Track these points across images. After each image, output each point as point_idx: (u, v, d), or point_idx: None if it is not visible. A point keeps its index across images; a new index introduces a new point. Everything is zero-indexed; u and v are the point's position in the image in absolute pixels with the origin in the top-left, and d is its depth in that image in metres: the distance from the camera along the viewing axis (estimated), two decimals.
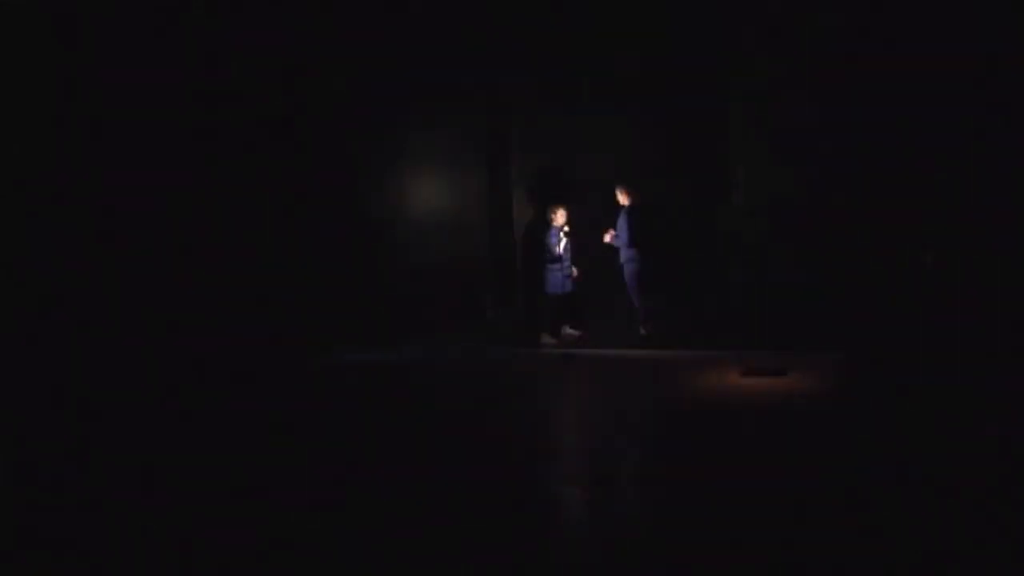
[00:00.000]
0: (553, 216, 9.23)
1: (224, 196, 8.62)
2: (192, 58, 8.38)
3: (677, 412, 6.23)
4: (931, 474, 4.35)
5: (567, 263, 9.23)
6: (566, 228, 9.23)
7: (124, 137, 7.97)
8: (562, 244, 9.19)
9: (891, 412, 5.76)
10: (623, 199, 9.09)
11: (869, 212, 8.30)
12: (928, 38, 7.91)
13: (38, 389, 6.80)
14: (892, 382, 6.64)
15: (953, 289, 7.72)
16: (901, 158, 8.12)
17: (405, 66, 9.51)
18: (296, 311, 8.81)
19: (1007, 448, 4.74)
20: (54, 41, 7.69)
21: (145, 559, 3.54)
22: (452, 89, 9.65)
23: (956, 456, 4.67)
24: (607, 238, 9.06)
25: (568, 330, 9.34)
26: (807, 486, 4.26)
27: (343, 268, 9.45)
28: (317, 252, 9.32)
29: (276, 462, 4.98)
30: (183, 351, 7.73)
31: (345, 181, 9.75)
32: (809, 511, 3.90)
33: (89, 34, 7.83)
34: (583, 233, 9.28)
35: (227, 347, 7.96)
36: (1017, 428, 5.13)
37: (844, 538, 3.54)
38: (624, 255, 9.01)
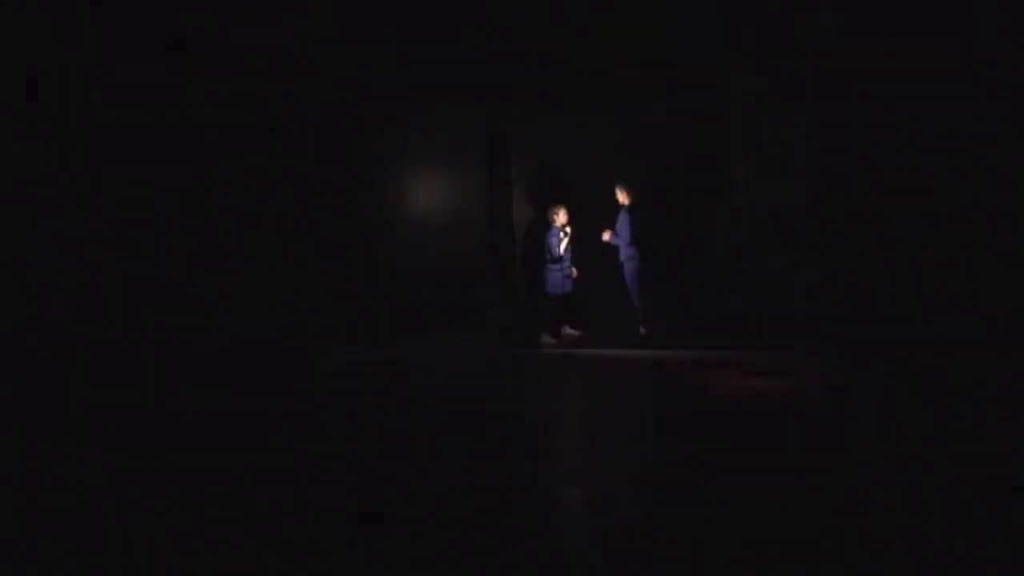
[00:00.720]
0: (555, 216, 9.24)
1: (224, 196, 8.62)
2: (192, 58, 8.38)
3: (677, 412, 6.23)
4: (931, 474, 4.35)
5: (567, 263, 9.23)
6: (567, 228, 9.23)
7: (124, 137, 7.97)
8: (563, 244, 9.19)
9: (891, 412, 5.76)
10: (622, 198, 9.10)
11: (869, 212, 8.30)
12: (928, 38, 7.91)
13: (38, 389, 6.80)
14: (892, 382, 6.64)
15: (953, 289, 7.72)
16: (901, 158, 8.12)
17: (405, 66, 9.51)
18: (296, 311, 8.81)
19: (1007, 448, 4.74)
20: (54, 41, 7.69)
21: (145, 559, 3.54)
22: (452, 89, 9.65)
23: (956, 456, 4.67)
24: (605, 237, 9.07)
25: (568, 330, 9.34)
26: (807, 486, 4.25)
27: (343, 268, 9.44)
28: (317, 252, 9.32)
29: (276, 462, 4.97)
30: (183, 351, 7.73)
31: (345, 181, 9.75)
32: (809, 511, 3.90)
33: (89, 34, 7.83)
34: (583, 232, 9.30)
35: (227, 347, 7.95)
36: (1017, 428, 5.13)
37: (844, 538, 3.54)
38: (624, 254, 9.03)
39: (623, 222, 9.01)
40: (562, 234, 9.21)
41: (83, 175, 7.76)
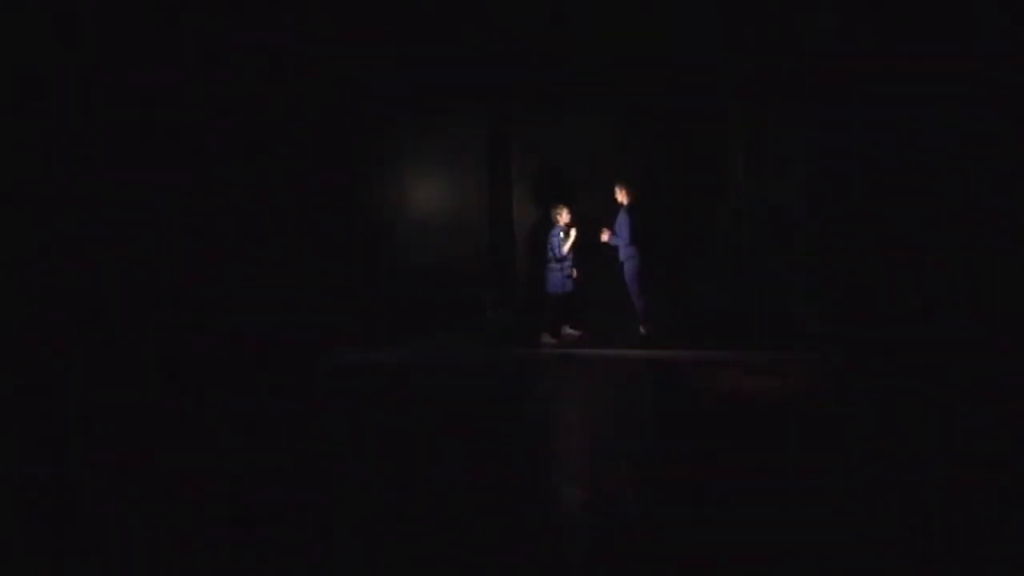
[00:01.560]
0: (558, 216, 9.24)
1: (224, 196, 8.62)
2: (192, 58, 8.38)
3: (677, 412, 6.23)
4: (931, 474, 4.35)
5: (568, 263, 9.23)
6: (571, 228, 9.23)
7: (124, 137, 7.97)
8: (567, 244, 9.19)
9: (891, 412, 5.76)
10: (622, 198, 9.11)
11: (869, 212, 8.31)
12: (928, 38, 7.92)
13: (38, 389, 6.80)
14: (891, 382, 6.64)
15: (953, 289, 7.72)
16: (901, 158, 8.13)
17: (405, 66, 9.53)
18: (296, 311, 8.81)
19: (1007, 448, 4.74)
20: (54, 41, 7.69)
21: (145, 559, 3.54)
22: (452, 89, 9.67)
23: (956, 456, 4.67)
24: (604, 237, 9.07)
25: (568, 330, 9.34)
26: (807, 486, 4.25)
27: (343, 268, 9.45)
28: (317, 252, 9.32)
29: (275, 462, 4.97)
30: (183, 351, 7.73)
31: (345, 181, 9.77)
32: (809, 511, 3.90)
33: (89, 34, 7.83)
34: (582, 232, 9.31)
35: (227, 347, 7.95)
36: (1017, 428, 5.13)
37: (844, 538, 3.54)
38: (624, 253, 9.03)
39: (622, 222, 9.02)
40: (563, 234, 9.21)
41: (83, 175, 7.76)
